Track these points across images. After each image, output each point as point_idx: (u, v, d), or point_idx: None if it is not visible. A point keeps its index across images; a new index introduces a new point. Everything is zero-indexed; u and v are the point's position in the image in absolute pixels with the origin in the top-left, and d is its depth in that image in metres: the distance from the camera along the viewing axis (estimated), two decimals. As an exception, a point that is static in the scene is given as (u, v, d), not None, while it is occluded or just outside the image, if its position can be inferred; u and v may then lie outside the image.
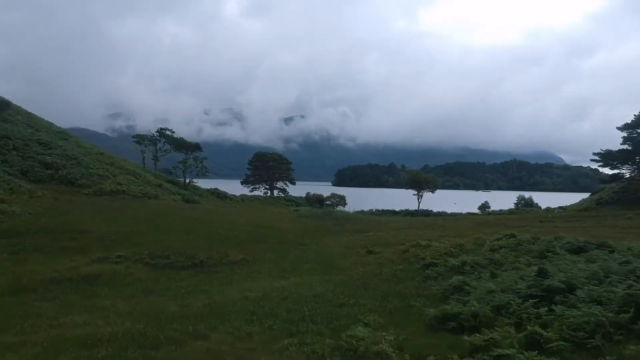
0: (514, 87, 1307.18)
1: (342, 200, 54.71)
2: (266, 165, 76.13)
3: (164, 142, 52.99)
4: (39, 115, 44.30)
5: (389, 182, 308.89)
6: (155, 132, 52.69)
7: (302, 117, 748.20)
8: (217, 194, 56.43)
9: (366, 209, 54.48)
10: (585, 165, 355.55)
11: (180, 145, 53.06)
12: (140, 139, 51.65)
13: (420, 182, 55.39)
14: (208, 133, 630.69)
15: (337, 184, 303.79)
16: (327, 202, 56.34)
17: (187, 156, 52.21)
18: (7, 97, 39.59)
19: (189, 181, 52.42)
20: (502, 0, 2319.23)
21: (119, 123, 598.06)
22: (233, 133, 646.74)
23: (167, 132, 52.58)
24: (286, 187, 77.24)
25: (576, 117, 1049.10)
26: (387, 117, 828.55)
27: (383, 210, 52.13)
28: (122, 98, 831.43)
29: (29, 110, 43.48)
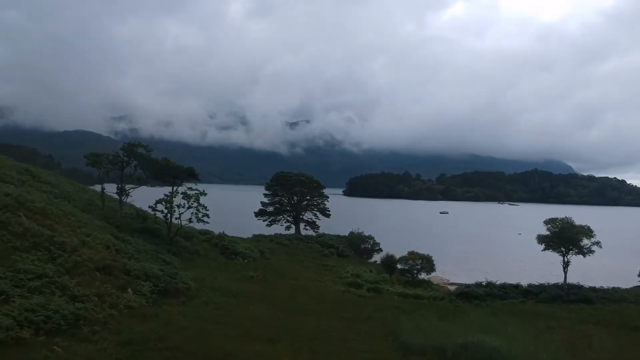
0: (523, 93, 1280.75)
1: (428, 263, 33.24)
2: (290, 191, 54.86)
3: (135, 166, 31.42)
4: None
5: (404, 193, 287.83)
6: (121, 149, 31.08)
7: (308, 121, 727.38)
8: (222, 247, 35.31)
9: (469, 279, 33.13)
10: (612, 177, 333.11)
11: (163, 170, 31.55)
12: (95, 159, 30.18)
13: (571, 238, 32.14)
14: (213, 137, 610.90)
15: (349, 193, 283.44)
16: (401, 265, 34.90)
17: (174, 191, 30.71)
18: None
19: (177, 230, 31.30)
20: (511, 4, 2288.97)
21: (122, 126, 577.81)
22: (238, 137, 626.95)
23: (141, 150, 30.89)
24: (316, 220, 56.00)
25: (586, 125, 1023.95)
26: (393, 122, 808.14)
27: (503, 289, 30.55)
28: (126, 100, 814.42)
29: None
